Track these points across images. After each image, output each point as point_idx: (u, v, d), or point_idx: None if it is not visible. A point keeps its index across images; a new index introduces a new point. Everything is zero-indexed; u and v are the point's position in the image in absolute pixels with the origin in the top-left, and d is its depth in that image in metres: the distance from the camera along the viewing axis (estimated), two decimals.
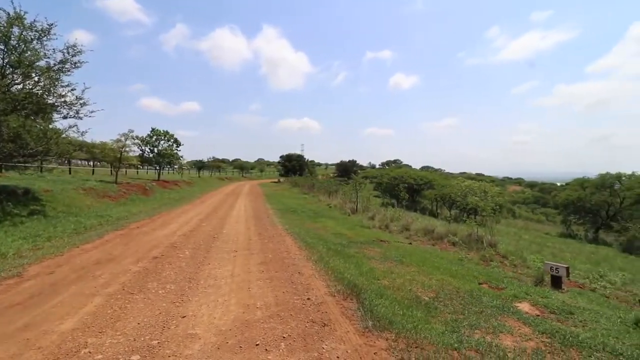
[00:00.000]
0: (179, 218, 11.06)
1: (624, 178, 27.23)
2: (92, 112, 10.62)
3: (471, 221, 12.54)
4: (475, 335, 3.48)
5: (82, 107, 10.30)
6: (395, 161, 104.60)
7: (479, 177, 57.86)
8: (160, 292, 4.41)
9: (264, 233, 8.97)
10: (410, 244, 9.67)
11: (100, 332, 3.27)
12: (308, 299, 4.33)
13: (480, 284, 5.73)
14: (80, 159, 28.42)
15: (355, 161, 65.37)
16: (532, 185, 72.70)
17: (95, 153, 20.73)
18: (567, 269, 6.34)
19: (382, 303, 4.16)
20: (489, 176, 77.84)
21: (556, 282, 6.26)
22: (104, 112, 11.61)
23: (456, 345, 3.21)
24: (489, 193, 24.29)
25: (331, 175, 59.41)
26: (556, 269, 6.26)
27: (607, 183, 27.89)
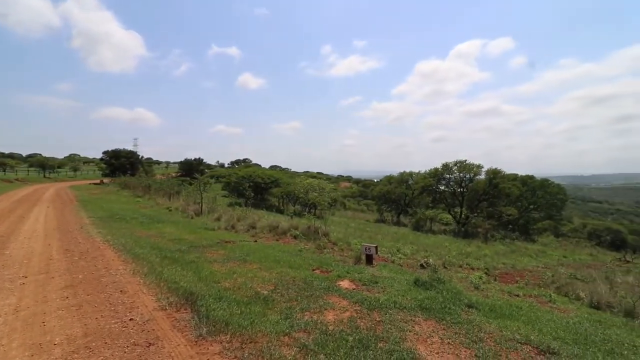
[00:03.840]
0: None
1: (414, 175, 36.61)
2: None
3: (310, 215, 13.92)
4: (305, 317, 3.87)
5: None
6: (244, 160, 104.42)
7: (319, 176, 65.18)
8: None
9: (73, 249, 7.17)
10: (256, 241, 9.86)
11: None
12: (131, 319, 3.74)
13: (313, 270, 6.42)
14: None
15: (202, 159, 61.33)
16: (357, 181, 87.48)
17: None
18: (376, 247, 7.94)
19: (220, 306, 4.04)
20: (327, 174, 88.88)
21: (369, 260, 7.74)
22: None
23: (287, 330, 3.48)
24: (326, 189, 27.72)
25: (173, 174, 53.57)
26: (369, 248, 7.74)
27: (404, 179, 36.77)
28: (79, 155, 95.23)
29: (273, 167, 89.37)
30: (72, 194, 23.11)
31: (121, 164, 45.93)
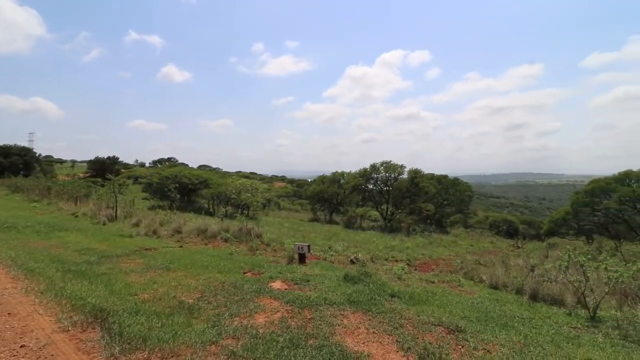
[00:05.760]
0: None
1: (345, 175, 38.15)
2: None
3: (242, 216, 13.51)
4: (234, 323, 3.73)
5: None
6: (169, 159, 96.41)
7: (252, 176, 63.57)
8: None
9: None
10: (182, 247, 9.20)
11: None
12: (22, 346, 3.17)
13: (244, 273, 6.24)
14: None
15: (118, 158, 54.86)
16: (292, 181, 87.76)
17: None
18: (309, 246, 8.06)
19: (136, 321, 3.66)
20: (260, 174, 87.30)
21: (302, 259, 7.81)
22: None
23: (215, 339, 3.31)
24: (259, 190, 27.17)
25: (81, 175, 46.89)
26: (301, 247, 7.82)
27: (336, 179, 38.06)
28: None
29: (202, 167, 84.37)
30: None
31: (12, 163, 38.57)
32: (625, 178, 20.35)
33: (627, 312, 5.02)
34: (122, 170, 51.65)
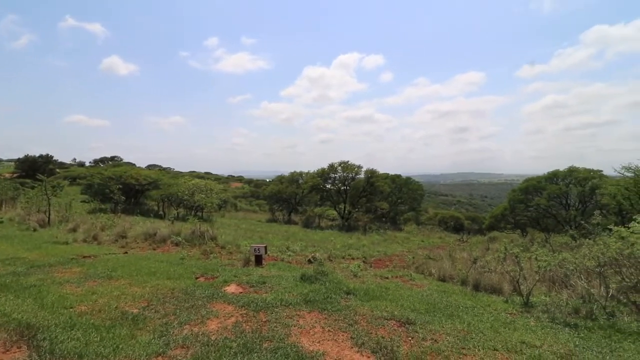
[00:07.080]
0: None
1: (303, 175, 38.23)
2: None
3: (195, 218, 12.91)
4: (184, 332, 3.54)
5: None
6: (112, 158, 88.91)
7: (207, 176, 61.09)
8: None
9: None
10: (126, 253, 8.56)
11: None
12: None
13: (197, 278, 5.96)
14: None
15: (52, 157, 49.50)
16: (249, 181, 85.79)
17: None
18: (265, 247, 7.93)
19: (71, 336, 3.32)
20: (216, 174, 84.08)
21: (258, 260, 7.66)
22: None
23: (162, 350, 3.12)
24: (214, 190, 26.18)
25: (7, 175, 41.57)
26: (258, 249, 7.66)
27: (295, 178, 37.98)
28: None
29: (151, 167, 79.18)
30: None
31: None
32: (553, 177, 22.85)
33: (554, 297, 5.61)
34: (58, 170, 46.76)
